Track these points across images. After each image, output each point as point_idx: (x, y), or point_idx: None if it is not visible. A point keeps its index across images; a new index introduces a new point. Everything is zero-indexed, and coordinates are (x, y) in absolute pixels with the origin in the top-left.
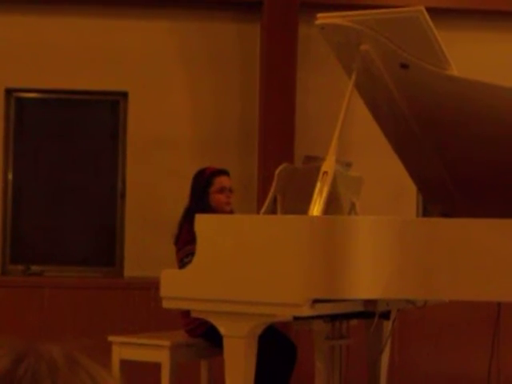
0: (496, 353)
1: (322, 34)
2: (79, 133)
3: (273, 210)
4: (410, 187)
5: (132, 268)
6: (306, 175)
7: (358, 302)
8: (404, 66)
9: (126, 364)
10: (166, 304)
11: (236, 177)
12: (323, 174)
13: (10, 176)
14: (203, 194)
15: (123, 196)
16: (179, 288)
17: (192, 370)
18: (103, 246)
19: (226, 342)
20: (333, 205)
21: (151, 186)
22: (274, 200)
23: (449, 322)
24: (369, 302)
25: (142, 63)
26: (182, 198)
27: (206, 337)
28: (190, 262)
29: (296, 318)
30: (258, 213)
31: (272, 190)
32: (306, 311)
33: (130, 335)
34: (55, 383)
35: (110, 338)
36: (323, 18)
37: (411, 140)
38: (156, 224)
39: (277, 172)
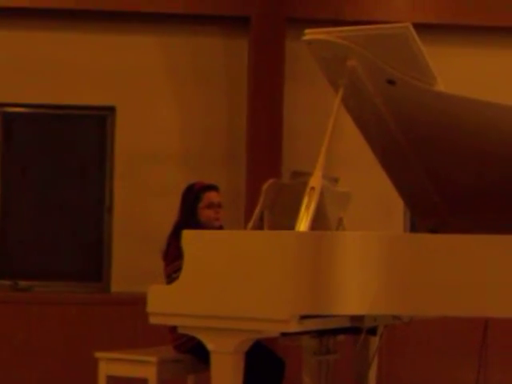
0: (483, 366)
1: (309, 50)
2: (67, 147)
3: (260, 226)
4: (398, 202)
5: (119, 283)
6: (293, 191)
7: (345, 317)
8: (391, 82)
9: (112, 380)
10: (152, 320)
11: (223, 192)
12: (310, 189)
13: None
14: (192, 209)
15: (110, 211)
16: (166, 304)
17: None
18: (90, 261)
19: (213, 358)
20: (320, 220)
21: (139, 201)
22: (261, 215)
23: (436, 337)
24: (356, 318)
25: (130, 78)
26: (169, 212)
27: (193, 352)
28: (178, 277)
29: (283, 334)
30: (245, 228)
31: (259, 205)
32: (294, 327)
33: (116, 351)
34: None
35: (97, 354)
36: (311, 34)
37: (398, 155)
38: (143, 239)
39: (264, 187)
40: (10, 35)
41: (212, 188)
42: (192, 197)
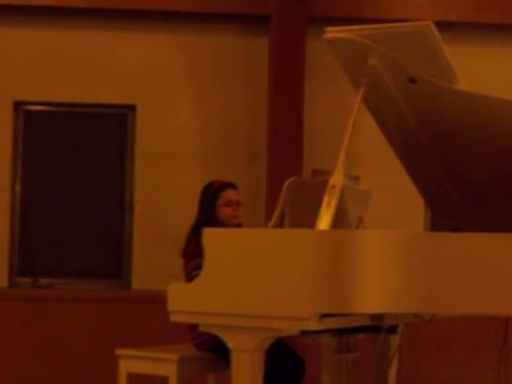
0: (504, 366)
1: (330, 48)
2: (87, 146)
3: (281, 224)
4: (418, 201)
5: (139, 281)
6: (313, 189)
7: (366, 316)
8: (412, 81)
9: (133, 377)
10: (173, 318)
11: (244, 190)
12: (331, 187)
13: (19, 188)
14: (210, 207)
15: (131, 209)
16: (187, 302)
17: (199, 383)
18: (111, 258)
19: (233, 356)
20: (340, 218)
21: (159, 199)
22: (282, 213)
23: (456, 336)
24: (376, 317)
25: (150, 76)
26: (189, 211)
27: (213, 350)
28: (197, 275)
29: (303, 332)
30: (265, 226)
31: (280, 203)
32: (314, 325)
33: (137, 348)
34: None
35: (118, 351)
36: (331, 32)
37: (418, 153)
38: (164, 237)
39: (285, 185)
40: (31, 34)
41: (230, 186)
42: (210, 195)
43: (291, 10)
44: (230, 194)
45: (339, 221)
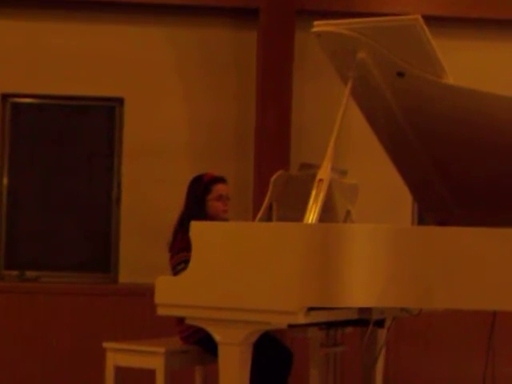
0: (491, 360)
1: (318, 42)
2: (75, 138)
3: (268, 218)
4: (406, 195)
5: (127, 274)
6: (301, 182)
7: (353, 309)
8: (400, 75)
9: (120, 370)
10: (160, 311)
11: (232, 183)
12: (319, 181)
13: (5, 181)
14: (201, 200)
15: (118, 202)
16: (174, 295)
17: (186, 377)
18: (98, 251)
19: (220, 350)
20: (328, 212)
21: (147, 192)
22: (270, 207)
23: (444, 330)
24: (363, 310)
25: (139, 69)
26: (177, 204)
27: (200, 344)
28: (182, 269)
29: (291, 326)
30: (253, 220)
31: (267, 197)
32: (301, 319)
33: (124, 341)
34: None
35: (105, 345)
36: (320, 26)
37: (406, 147)
38: (151, 230)
39: (272, 179)
40: (18, 25)
41: (221, 180)
42: (201, 188)
43: (280, 3)
44: (221, 188)
45: (327, 215)
